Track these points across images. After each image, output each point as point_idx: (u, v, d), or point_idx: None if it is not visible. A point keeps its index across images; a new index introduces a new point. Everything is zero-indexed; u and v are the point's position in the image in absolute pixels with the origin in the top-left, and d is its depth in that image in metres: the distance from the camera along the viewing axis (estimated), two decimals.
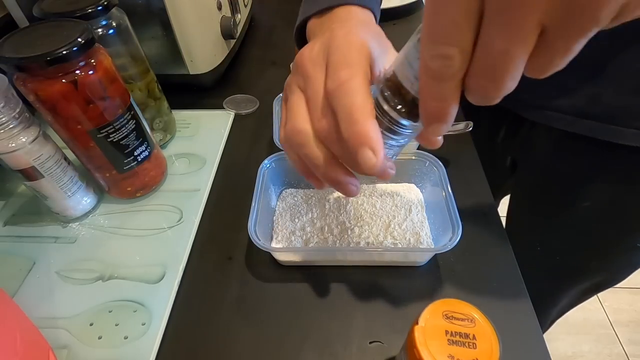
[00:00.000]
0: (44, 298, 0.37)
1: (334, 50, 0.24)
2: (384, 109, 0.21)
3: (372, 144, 0.21)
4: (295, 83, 0.26)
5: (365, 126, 0.21)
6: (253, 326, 0.34)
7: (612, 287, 0.58)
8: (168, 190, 0.46)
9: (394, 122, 0.21)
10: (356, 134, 0.21)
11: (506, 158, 0.60)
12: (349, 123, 0.21)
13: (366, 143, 0.21)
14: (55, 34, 0.33)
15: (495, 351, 0.23)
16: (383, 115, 0.22)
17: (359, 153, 0.21)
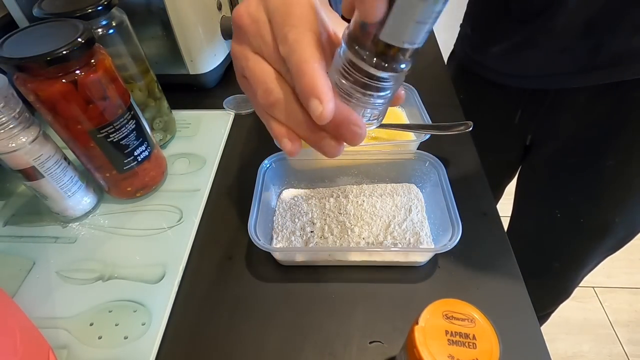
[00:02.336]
0: (44, 298, 0.37)
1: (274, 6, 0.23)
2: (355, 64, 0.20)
3: (318, 93, 0.20)
4: (245, 49, 0.25)
5: (312, 77, 0.20)
6: (253, 326, 0.34)
7: (612, 287, 0.59)
8: (168, 190, 0.46)
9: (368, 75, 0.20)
10: (304, 86, 0.21)
11: (525, 137, 0.62)
12: (298, 78, 0.21)
13: (312, 93, 0.20)
14: (55, 34, 0.33)
15: (495, 351, 0.23)
16: (355, 72, 0.21)
17: (309, 106, 0.21)
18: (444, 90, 0.59)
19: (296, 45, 0.21)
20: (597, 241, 0.61)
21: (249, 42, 0.24)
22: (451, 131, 0.44)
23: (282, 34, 0.22)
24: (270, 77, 0.24)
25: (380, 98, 0.22)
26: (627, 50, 0.43)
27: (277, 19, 0.23)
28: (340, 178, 0.44)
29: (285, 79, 0.23)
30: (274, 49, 0.23)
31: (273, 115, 0.25)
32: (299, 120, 0.23)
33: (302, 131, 0.24)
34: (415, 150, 0.43)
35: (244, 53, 0.25)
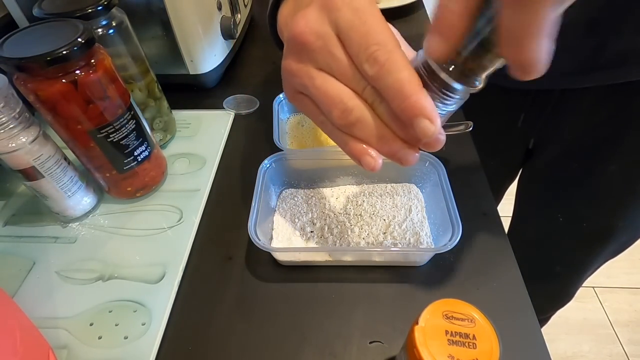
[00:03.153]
0: (44, 298, 0.37)
1: (347, 22, 0.22)
2: (434, 74, 0.21)
3: (428, 114, 0.21)
4: (308, 66, 0.24)
5: (419, 98, 0.21)
6: (253, 326, 0.34)
7: (612, 287, 0.59)
8: (168, 190, 0.46)
9: (446, 86, 0.21)
10: (410, 107, 0.21)
11: (527, 141, 0.61)
12: (400, 99, 0.21)
13: (421, 114, 0.21)
14: (55, 34, 0.33)
15: (495, 351, 0.23)
16: (432, 81, 0.21)
17: (416, 124, 0.21)
18: None
19: (390, 65, 0.21)
20: (599, 245, 0.61)
21: (313, 59, 0.23)
22: (451, 131, 0.44)
23: (369, 54, 0.21)
24: (347, 95, 0.23)
25: (447, 108, 0.23)
26: (632, 50, 0.43)
27: (355, 36, 0.22)
28: (340, 178, 0.44)
29: (362, 97, 0.23)
30: (348, 67, 0.22)
31: (352, 134, 0.24)
32: (382, 137, 0.23)
33: (382, 145, 0.24)
34: None
35: (307, 71, 0.24)
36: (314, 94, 0.24)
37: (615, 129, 0.49)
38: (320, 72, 0.24)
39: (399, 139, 0.23)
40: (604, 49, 0.44)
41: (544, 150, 0.59)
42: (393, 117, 0.22)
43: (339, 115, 0.23)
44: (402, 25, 0.73)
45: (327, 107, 0.24)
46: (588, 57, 0.45)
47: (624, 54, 0.43)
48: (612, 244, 0.60)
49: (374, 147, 0.24)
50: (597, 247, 0.61)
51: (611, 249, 0.62)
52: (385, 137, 0.23)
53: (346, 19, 0.22)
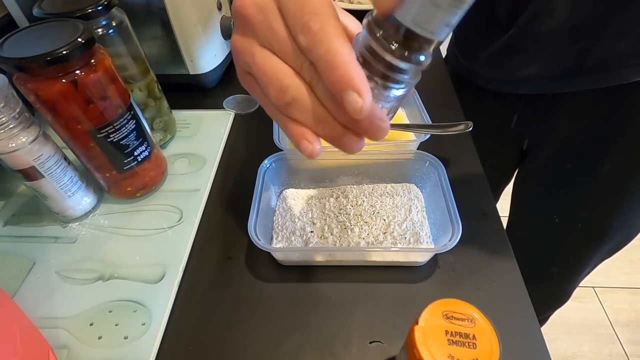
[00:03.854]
0: (44, 298, 0.37)
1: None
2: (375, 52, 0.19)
3: (356, 86, 0.19)
4: (251, 42, 0.23)
5: (347, 69, 0.19)
6: (253, 326, 0.34)
7: (612, 287, 0.59)
8: (168, 190, 0.46)
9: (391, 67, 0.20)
10: (338, 79, 0.19)
11: (521, 142, 0.62)
12: (329, 71, 0.20)
13: (349, 86, 0.19)
14: (55, 34, 0.33)
15: (495, 351, 0.23)
16: (375, 60, 0.20)
17: (345, 98, 0.19)
18: (444, 90, 0.59)
19: (322, 34, 0.19)
20: (595, 245, 0.61)
21: (255, 34, 0.22)
22: (451, 131, 0.44)
23: (302, 23, 0.20)
24: (284, 73, 0.22)
25: (395, 92, 0.21)
26: (615, 55, 0.43)
27: (292, 6, 0.20)
28: (340, 178, 0.44)
29: (300, 75, 0.22)
30: (287, 40, 0.21)
31: (289, 115, 0.23)
32: (319, 118, 0.22)
33: (322, 130, 0.22)
34: (415, 150, 0.43)
35: (249, 47, 0.23)
36: (254, 72, 0.23)
37: (608, 129, 0.49)
38: (262, 49, 0.22)
39: (338, 123, 0.22)
40: (588, 55, 0.44)
41: (538, 152, 0.60)
42: (329, 96, 0.21)
43: (274, 94, 0.22)
44: None
45: (265, 86, 0.23)
46: (573, 63, 0.46)
47: (606, 60, 0.44)
48: (608, 244, 0.61)
49: (313, 130, 0.22)
50: (593, 246, 0.62)
51: (607, 249, 0.62)
52: (324, 119, 0.22)
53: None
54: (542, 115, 0.55)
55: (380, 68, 0.20)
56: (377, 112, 0.21)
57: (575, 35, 0.44)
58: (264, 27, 0.22)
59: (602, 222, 0.57)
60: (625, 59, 0.43)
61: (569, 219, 0.60)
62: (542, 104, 0.54)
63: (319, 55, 0.20)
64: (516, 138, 0.61)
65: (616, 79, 0.45)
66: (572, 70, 0.46)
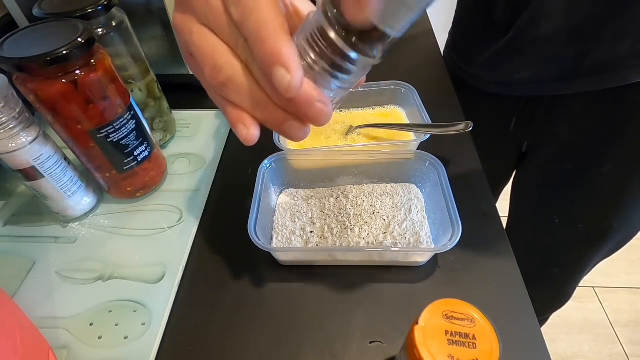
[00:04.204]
0: (44, 298, 0.37)
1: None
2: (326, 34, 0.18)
3: (284, 60, 0.18)
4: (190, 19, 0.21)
5: (275, 42, 0.18)
6: (253, 326, 0.34)
7: (612, 287, 0.59)
8: (168, 190, 0.46)
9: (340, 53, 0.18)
10: (266, 53, 0.18)
11: (520, 144, 0.62)
12: (258, 45, 0.18)
13: (277, 61, 0.18)
14: (55, 34, 0.33)
15: (495, 351, 0.23)
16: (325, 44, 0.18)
17: (273, 74, 0.18)
18: (444, 90, 0.59)
19: (252, 5, 0.18)
20: (595, 245, 0.62)
21: (193, 10, 0.21)
22: (451, 131, 0.44)
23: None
24: (219, 51, 0.20)
25: (341, 81, 0.20)
26: (612, 57, 0.43)
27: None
28: (340, 178, 0.44)
29: (237, 54, 0.20)
30: (224, 17, 0.20)
31: (225, 96, 0.21)
32: (256, 101, 0.20)
33: (260, 113, 0.21)
34: (415, 150, 0.43)
35: (189, 25, 0.21)
36: (193, 51, 0.21)
37: (608, 130, 0.49)
38: (200, 26, 0.21)
39: (278, 108, 0.20)
40: (585, 57, 0.44)
41: (538, 153, 0.60)
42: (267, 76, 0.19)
43: (209, 73, 0.21)
44: None
45: (201, 65, 0.21)
46: (571, 65, 0.46)
47: (605, 62, 0.44)
48: (608, 244, 0.61)
49: (250, 112, 0.21)
50: (593, 247, 0.62)
51: (607, 249, 0.62)
52: (261, 102, 0.20)
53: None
54: (541, 117, 0.55)
55: (330, 53, 0.19)
56: (316, 93, 0.19)
57: (573, 37, 0.44)
58: (201, 2, 0.20)
59: (602, 222, 0.58)
60: (624, 60, 0.43)
61: (569, 220, 0.60)
62: (541, 106, 0.54)
63: (249, 28, 0.19)
64: (515, 140, 0.62)
65: (615, 80, 0.45)
66: (571, 72, 0.47)
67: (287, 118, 0.21)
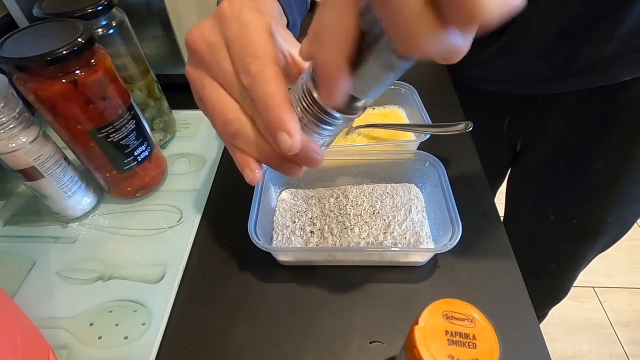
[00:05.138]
0: (44, 298, 0.37)
1: (232, 34, 0.23)
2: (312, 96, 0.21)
3: (287, 127, 0.21)
4: (201, 74, 0.25)
5: (280, 112, 0.21)
6: (253, 326, 0.34)
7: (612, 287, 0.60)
8: (168, 190, 0.46)
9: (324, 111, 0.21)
10: (272, 120, 0.21)
11: (514, 143, 0.63)
12: (265, 112, 0.22)
13: (281, 127, 0.21)
14: (55, 34, 0.33)
15: (495, 351, 0.23)
16: (312, 103, 0.22)
17: (277, 138, 0.21)
18: (444, 90, 0.59)
19: (260, 78, 0.21)
20: (591, 241, 0.62)
21: (205, 67, 0.24)
22: (451, 131, 0.44)
23: (244, 65, 0.22)
24: (228, 107, 0.24)
25: (328, 132, 0.23)
26: (603, 56, 0.44)
27: (236, 48, 0.23)
28: (340, 178, 0.44)
29: (244, 108, 0.24)
30: (233, 78, 0.23)
31: (234, 144, 0.25)
32: (260, 149, 0.24)
33: (263, 158, 0.24)
34: (415, 150, 0.43)
35: (200, 79, 0.25)
36: (204, 103, 0.25)
37: (600, 127, 0.50)
38: (211, 81, 0.24)
39: (278, 154, 0.24)
40: (577, 56, 0.45)
41: (531, 152, 0.61)
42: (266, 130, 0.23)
43: (220, 125, 0.24)
44: None
45: (211, 117, 0.25)
46: (562, 65, 0.47)
47: (596, 61, 0.45)
48: (603, 239, 0.62)
49: (255, 158, 0.25)
50: (589, 242, 0.63)
51: (602, 243, 0.63)
52: (264, 150, 0.24)
53: (232, 31, 0.23)
54: (534, 116, 0.55)
55: (317, 112, 0.22)
56: (311, 146, 0.23)
57: (564, 37, 0.44)
58: (213, 63, 0.24)
59: (597, 217, 0.58)
60: (614, 59, 0.44)
61: (564, 216, 0.61)
62: (534, 105, 0.54)
63: (256, 96, 0.22)
64: (509, 140, 0.62)
65: (606, 78, 0.45)
66: (563, 71, 0.47)
67: (286, 161, 0.24)
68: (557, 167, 0.57)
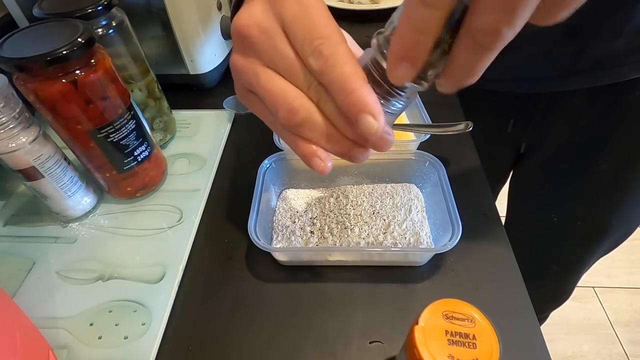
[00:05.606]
0: (44, 298, 0.37)
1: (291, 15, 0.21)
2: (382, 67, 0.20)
3: (371, 109, 0.20)
4: (253, 62, 0.23)
5: (362, 93, 0.20)
6: (253, 326, 0.34)
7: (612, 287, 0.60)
8: (168, 190, 0.46)
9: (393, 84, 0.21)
10: (353, 102, 0.20)
11: (518, 145, 0.62)
12: (344, 94, 0.20)
13: (365, 109, 0.20)
14: (55, 34, 0.33)
15: (495, 351, 0.23)
16: (381, 79, 0.21)
17: (360, 121, 0.20)
18: None
19: (334, 59, 0.20)
20: (594, 243, 0.62)
21: (257, 54, 0.23)
22: (451, 131, 0.44)
23: (313, 47, 0.21)
24: (293, 94, 0.22)
25: (396, 108, 0.22)
26: (610, 54, 0.43)
27: (300, 30, 0.21)
28: (340, 178, 0.44)
29: (308, 94, 0.22)
30: (295, 62, 0.22)
31: (299, 134, 0.23)
32: (329, 136, 0.23)
33: (332, 145, 0.23)
34: (415, 150, 0.43)
35: (252, 68, 0.23)
36: (260, 93, 0.23)
37: (605, 128, 0.49)
38: (266, 68, 0.23)
39: (347, 139, 0.23)
40: (582, 54, 0.44)
41: (536, 153, 0.60)
42: (340, 114, 0.22)
43: (284, 115, 0.23)
44: None
45: (272, 107, 0.23)
46: (568, 62, 0.46)
47: (603, 58, 0.44)
48: (607, 241, 0.61)
49: (323, 147, 0.23)
50: (592, 244, 0.62)
51: (605, 246, 0.63)
52: (333, 137, 0.23)
53: (291, 12, 0.21)
54: (539, 117, 0.55)
55: (385, 84, 0.21)
56: (386, 128, 0.21)
57: (569, 34, 0.44)
58: (268, 48, 0.22)
59: (600, 219, 0.58)
60: (622, 56, 0.43)
61: (567, 218, 0.60)
62: (539, 105, 0.54)
63: (331, 79, 0.20)
64: (513, 141, 0.62)
65: (613, 76, 0.44)
66: (568, 69, 0.46)
67: (354, 147, 0.23)
68: (561, 168, 0.56)
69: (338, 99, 0.21)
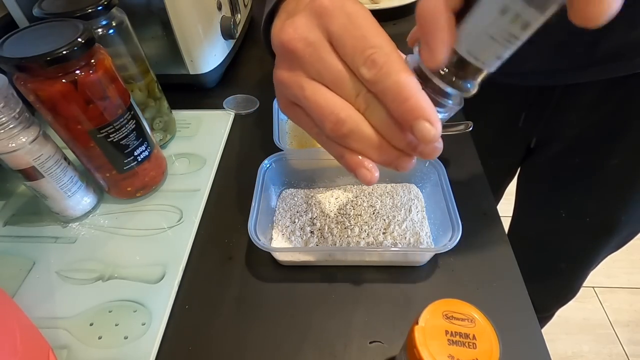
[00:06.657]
0: (44, 298, 0.37)
1: (340, 26, 0.21)
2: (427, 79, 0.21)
3: (429, 116, 0.20)
4: (299, 75, 0.23)
5: (419, 100, 0.20)
6: (253, 326, 0.34)
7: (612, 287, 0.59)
8: (168, 190, 0.46)
9: (439, 91, 0.21)
10: (410, 109, 0.20)
11: (529, 140, 0.61)
12: (399, 102, 0.20)
13: (422, 115, 0.20)
14: (55, 34, 0.33)
15: (495, 351, 0.23)
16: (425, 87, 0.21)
17: (416, 127, 0.20)
18: None
19: (389, 67, 0.20)
20: (603, 240, 0.61)
21: (303, 67, 0.23)
22: (451, 131, 0.44)
23: (365, 57, 0.21)
24: (339, 106, 0.22)
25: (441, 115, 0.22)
26: (625, 45, 0.43)
27: (349, 41, 0.21)
28: (340, 178, 0.44)
29: (355, 105, 0.22)
30: (343, 73, 0.22)
31: (346, 145, 0.24)
32: (376, 146, 0.23)
33: (378, 155, 0.23)
34: None
35: (297, 80, 0.23)
36: (305, 105, 0.24)
37: (617, 123, 0.49)
38: (311, 81, 0.23)
39: (394, 148, 0.23)
40: (598, 45, 0.44)
41: (546, 148, 0.59)
42: (388, 124, 0.22)
43: (331, 127, 0.23)
44: (403, 25, 0.73)
45: (319, 119, 0.23)
46: (583, 53, 0.45)
47: (617, 49, 0.43)
48: (616, 238, 0.60)
49: (370, 157, 0.24)
50: (601, 241, 0.61)
51: (614, 243, 0.62)
52: (381, 147, 0.23)
53: (339, 24, 0.22)
54: (551, 111, 0.54)
55: (428, 92, 0.21)
56: None
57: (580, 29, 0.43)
58: (314, 60, 0.22)
59: (610, 216, 0.57)
60: (637, 47, 0.42)
61: (576, 214, 0.59)
62: (551, 99, 0.53)
63: (386, 87, 0.21)
64: (524, 136, 0.61)
65: (629, 67, 0.44)
66: (582, 60, 0.46)
67: (401, 155, 0.23)
68: (571, 164, 0.56)
69: (393, 106, 0.21)
